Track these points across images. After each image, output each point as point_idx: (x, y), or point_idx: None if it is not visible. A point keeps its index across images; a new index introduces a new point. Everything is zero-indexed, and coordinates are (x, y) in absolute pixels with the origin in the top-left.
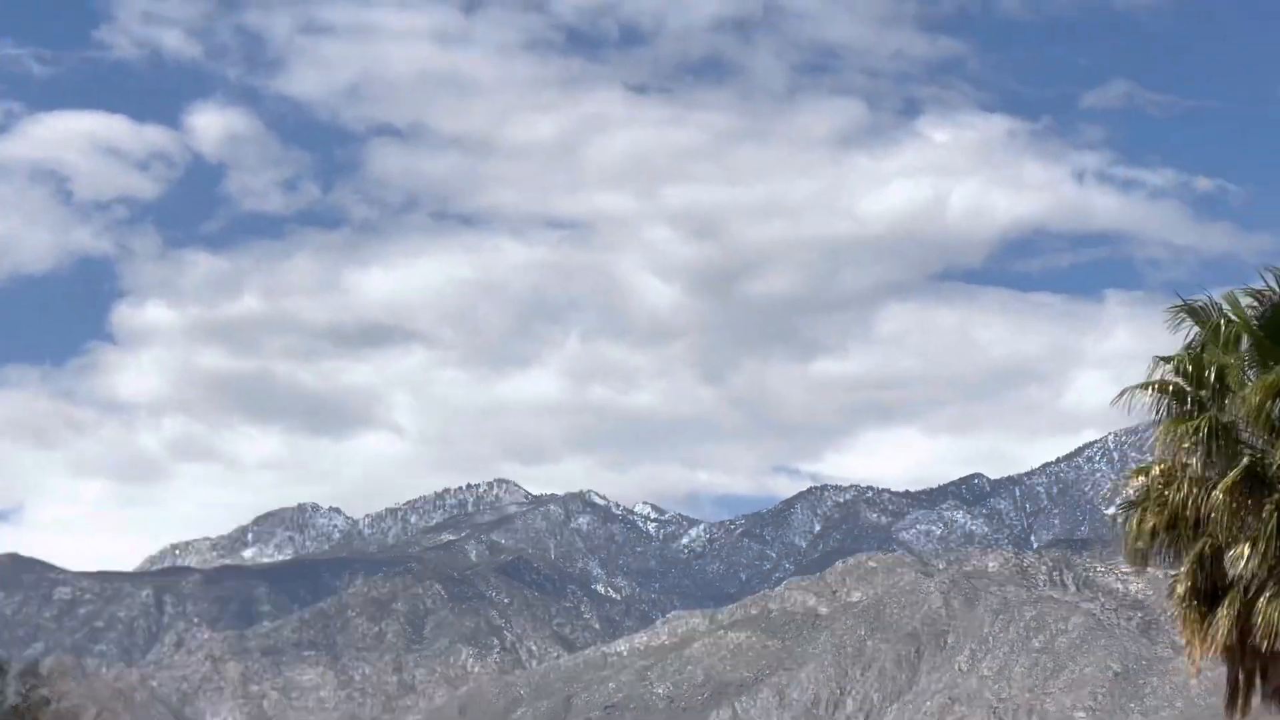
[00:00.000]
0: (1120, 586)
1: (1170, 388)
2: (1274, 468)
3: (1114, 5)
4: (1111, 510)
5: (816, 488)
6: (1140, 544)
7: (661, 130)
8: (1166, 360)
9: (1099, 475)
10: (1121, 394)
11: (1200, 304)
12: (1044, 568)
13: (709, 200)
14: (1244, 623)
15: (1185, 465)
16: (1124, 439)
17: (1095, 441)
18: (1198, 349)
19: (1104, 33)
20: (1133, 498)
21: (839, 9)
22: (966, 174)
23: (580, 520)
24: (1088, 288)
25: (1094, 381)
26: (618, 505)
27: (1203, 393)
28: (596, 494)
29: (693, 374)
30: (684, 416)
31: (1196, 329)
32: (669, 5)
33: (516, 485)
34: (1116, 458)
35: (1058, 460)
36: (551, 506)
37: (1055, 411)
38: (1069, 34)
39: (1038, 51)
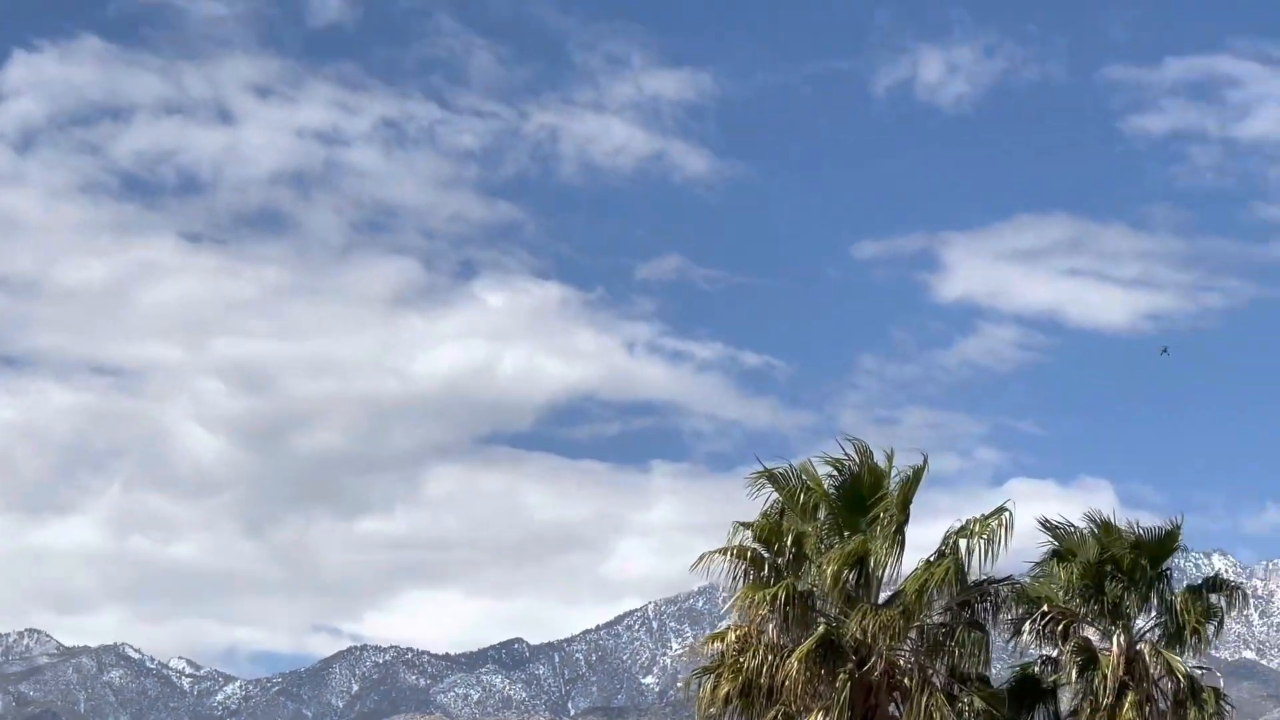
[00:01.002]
0: None
1: (749, 553)
2: (848, 637)
3: (670, 180)
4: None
5: (356, 647)
6: (713, 710)
7: (215, 281)
8: (746, 526)
9: (638, 644)
10: (700, 559)
11: (781, 470)
12: None
13: (260, 353)
14: None
15: (761, 632)
16: (664, 608)
17: (636, 610)
18: (776, 516)
19: (659, 207)
20: (706, 663)
21: (399, 169)
22: (519, 339)
23: (113, 674)
24: (634, 456)
25: (637, 550)
26: (152, 659)
27: (780, 560)
28: (131, 647)
29: (236, 528)
30: (225, 571)
31: (776, 495)
32: (229, 156)
33: (48, 635)
34: (656, 627)
35: (598, 627)
36: (83, 658)
37: (598, 578)
38: (626, 206)
39: (595, 221)
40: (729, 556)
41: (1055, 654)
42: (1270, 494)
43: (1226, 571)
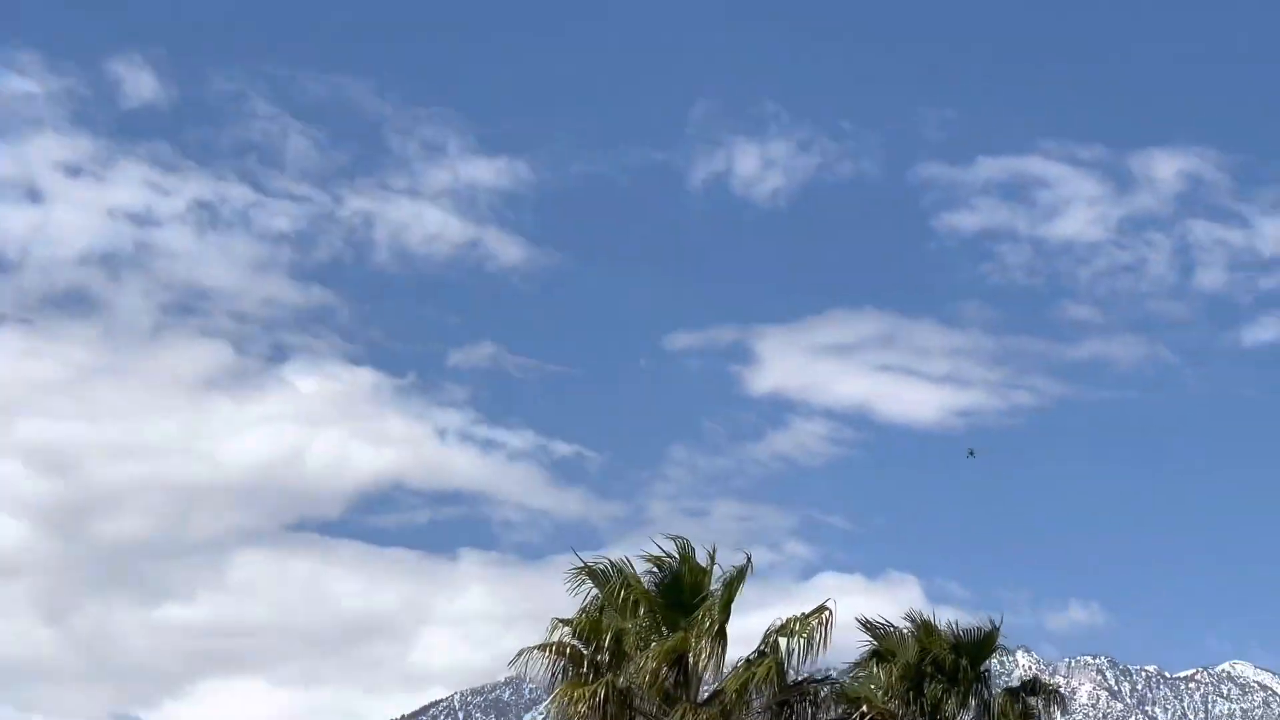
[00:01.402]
0: None
1: (568, 650)
2: None
3: (484, 267)
4: None
5: None
6: None
7: (18, 362)
8: (565, 622)
9: None
10: (519, 654)
11: (601, 566)
12: None
13: (64, 436)
14: None
15: None
16: (470, 699)
17: (441, 700)
18: (596, 612)
19: (473, 294)
20: None
21: (212, 252)
22: (330, 424)
23: None
24: (443, 545)
25: (444, 639)
26: None
27: (600, 656)
28: None
29: (33, 613)
30: (22, 658)
31: (596, 591)
32: (37, 235)
33: None
34: (462, 717)
35: (403, 717)
36: None
37: (404, 668)
38: (440, 293)
39: (408, 308)
40: (548, 653)
41: None
42: (1073, 591)
43: (1031, 668)
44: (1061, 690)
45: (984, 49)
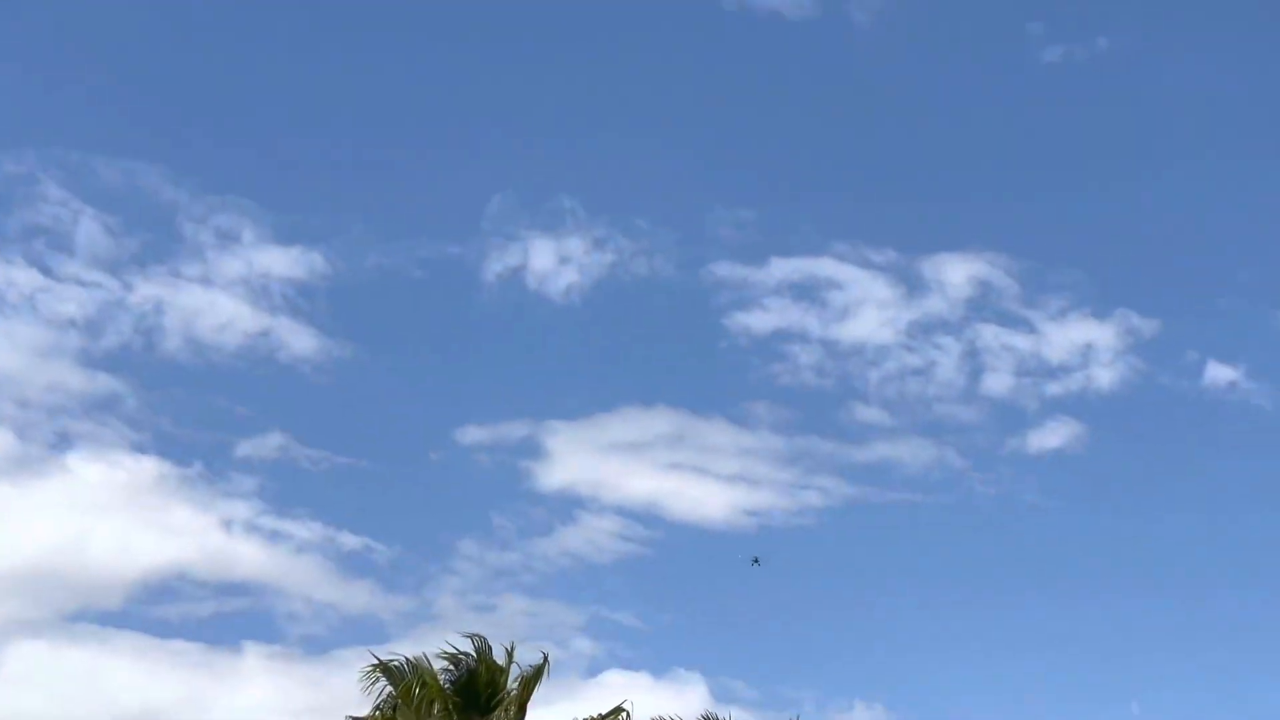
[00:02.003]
0: None
1: None
2: None
3: (276, 358)
4: None
5: None
6: None
7: None
8: None
9: None
10: None
11: (396, 664)
12: None
13: None
14: None
15: None
16: None
17: None
18: (391, 710)
19: (264, 384)
20: None
21: None
22: (113, 514)
23: None
24: (227, 638)
25: None
26: None
27: None
28: None
29: None
30: None
31: (390, 689)
32: None
33: None
34: None
35: None
36: None
37: None
38: (230, 382)
39: (197, 397)
40: None
41: None
42: (858, 692)
43: None
44: None
45: (780, 151)
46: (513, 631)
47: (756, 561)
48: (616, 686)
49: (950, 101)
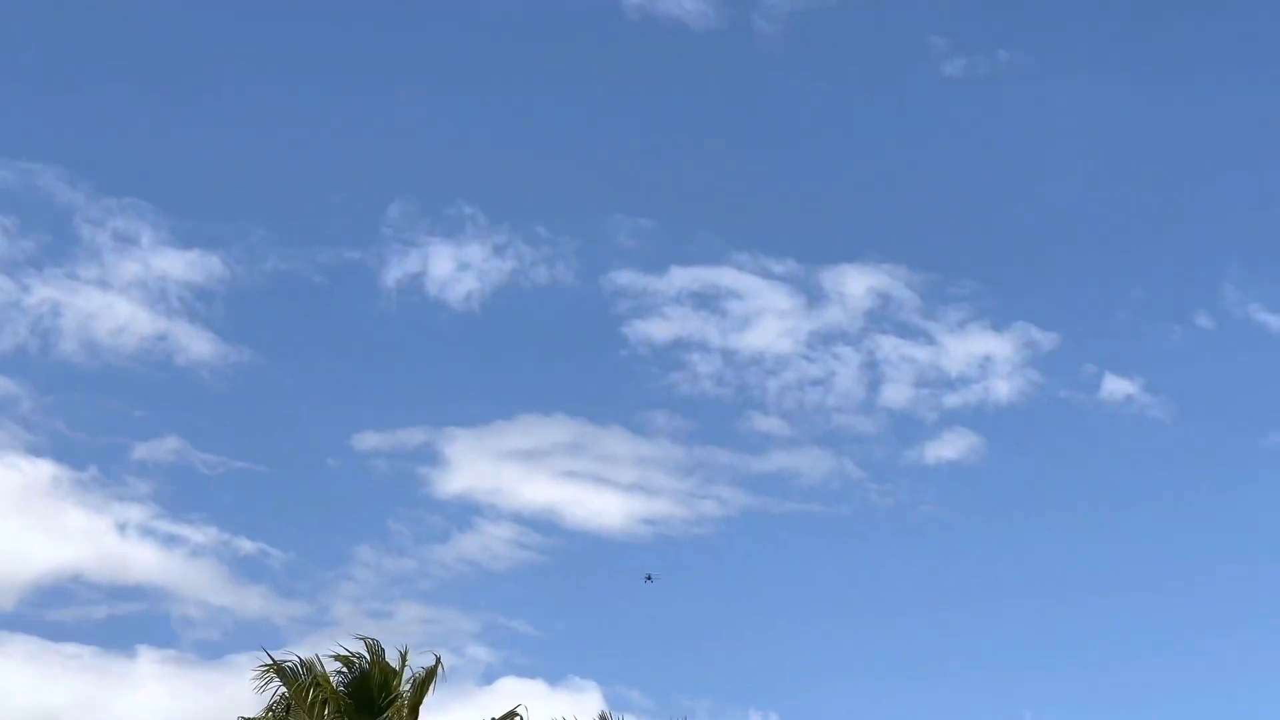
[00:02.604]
0: None
1: None
2: None
3: (173, 362)
4: None
5: None
6: None
7: None
8: None
9: None
10: None
11: (290, 664)
12: None
13: None
14: None
15: None
16: None
17: None
18: (283, 711)
19: (161, 388)
20: None
21: None
22: (5, 517)
23: None
24: (121, 642)
25: None
26: None
27: None
28: None
29: None
30: None
31: (283, 690)
32: None
33: None
34: None
35: None
36: None
37: None
38: (126, 385)
39: (93, 400)
40: None
41: None
42: (753, 701)
43: None
44: None
45: (681, 160)
46: (409, 638)
47: (650, 579)
48: (512, 694)
49: (852, 112)
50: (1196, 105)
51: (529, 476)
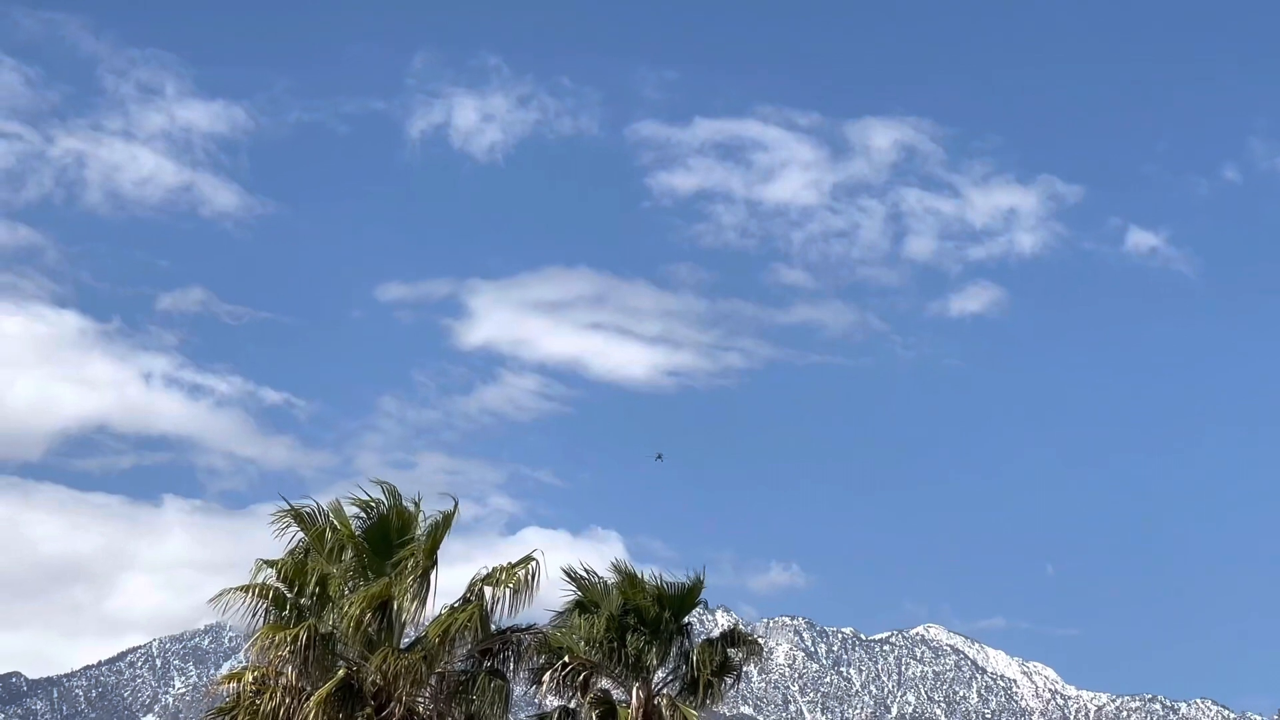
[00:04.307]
0: None
1: (271, 593)
2: (368, 682)
3: (198, 213)
4: (149, 718)
5: None
6: None
7: None
8: (270, 564)
9: (140, 681)
10: (220, 594)
11: (308, 510)
12: None
13: None
14: None
15: (280, 674)
16: (168, 646)
17: (139, 647)
18: (302, 555)
19: (185, 239)
20: (221, 703)
21: None
22: (32, 367)
23: None
24: (147, 491)
25: (143, 586)
26: None
27: (304, 600)
28: None
29: None
30: None
31: (302, 535)
32: None
33: None
34: (159, 664)
35: (99, 663)
36: None
37: (101, 613)
38: (151, 237)
39: (118, 251)
40: (250, 595)
41: (574, 705)
42: (774, 554)
43: (730, 627)
44: (761, 640)
45: (706, 11)
46: (432, 489)
47: (660, 457)
48: (534, 544)
49: None
50: None
51: (553, 328)
